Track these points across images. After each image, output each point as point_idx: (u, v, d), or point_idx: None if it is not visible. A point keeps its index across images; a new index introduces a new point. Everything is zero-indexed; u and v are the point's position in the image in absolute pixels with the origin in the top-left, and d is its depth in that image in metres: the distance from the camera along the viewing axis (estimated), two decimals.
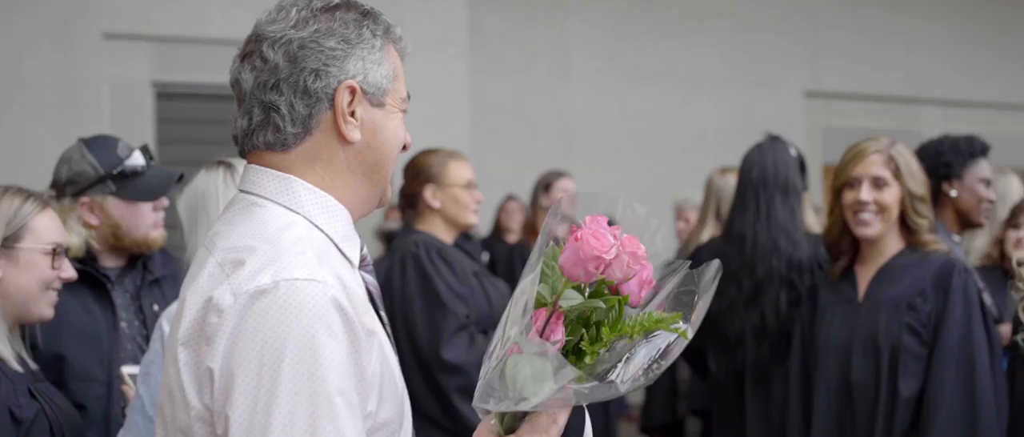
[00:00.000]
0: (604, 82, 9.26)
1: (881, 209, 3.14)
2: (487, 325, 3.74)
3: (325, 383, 1.37)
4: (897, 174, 3.14)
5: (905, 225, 3.16)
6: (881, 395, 3.05)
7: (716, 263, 1.63)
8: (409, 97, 1.66)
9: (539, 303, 1.54)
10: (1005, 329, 3.30)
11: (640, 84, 9.37)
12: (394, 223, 6.31)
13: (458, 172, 3.81)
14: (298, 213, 1.54)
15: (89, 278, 2.88)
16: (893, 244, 3.19)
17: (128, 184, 2.93)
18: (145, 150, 2.99)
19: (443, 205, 3.79)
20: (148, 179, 2.96)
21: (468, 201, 3.81)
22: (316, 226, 1.55)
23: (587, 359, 1.52)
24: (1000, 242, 3.83)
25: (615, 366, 1.55)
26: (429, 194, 3.76)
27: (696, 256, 4.35)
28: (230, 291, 1.41)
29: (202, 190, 2.64)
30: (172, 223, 2.93)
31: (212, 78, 7.49)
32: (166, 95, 7.40)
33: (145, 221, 2.95)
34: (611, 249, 1.49)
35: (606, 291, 1.54)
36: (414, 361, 3.57)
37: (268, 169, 1.57)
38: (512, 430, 1.56)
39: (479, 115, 8.31)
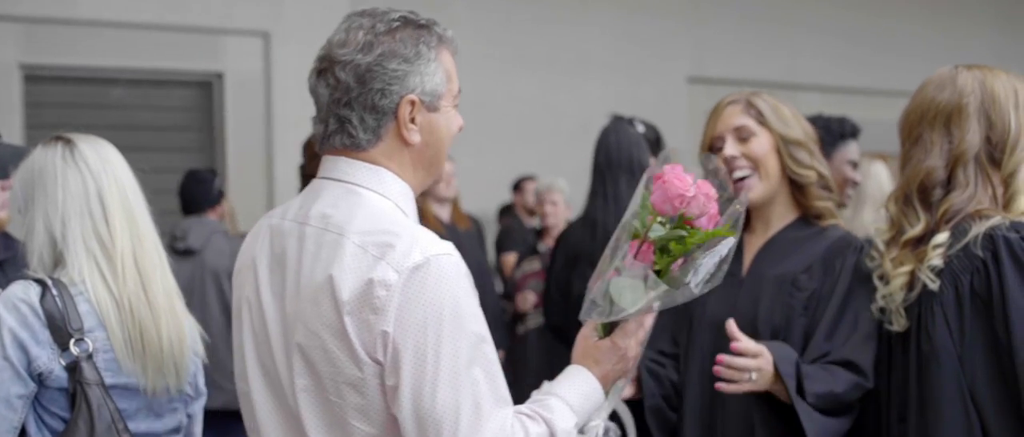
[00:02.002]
0: (489, 67, 9.23)
1: (755, 163, 2.68)
2: None
3: (474, 333, 1.73)
4: (762, 120, 2.69)
5: (796, 187, 2.72)
6: None
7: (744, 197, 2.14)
8: (460, 91, 1.96)
9: (634, 235, 2.00)
10: None
11: (525, 69, 9.39)
12: None
13: None
14: (389, 199, 1.84)
15: None
16: (783, 212, 2.74)
17: None
18: None
19: None
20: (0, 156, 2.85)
21: None
22: (400, 209, 1.85)
23: (662, 274, 1.97)
24: None
25: (688, 275, 1.98)
26: None
27: (563, 238, 4.40)
28: (392, 269, 1.70)
29: (40, 167, 2.51)
30: None
31: (83, 61, 7.25)
32: (35, 78, 7.12)
33: None
34: (690, 188, 1.94)
35: (685, 226, 1.98)
36: None
37: (359, 161, 1.85)
38: (608, 334, 2.04)
39: None
